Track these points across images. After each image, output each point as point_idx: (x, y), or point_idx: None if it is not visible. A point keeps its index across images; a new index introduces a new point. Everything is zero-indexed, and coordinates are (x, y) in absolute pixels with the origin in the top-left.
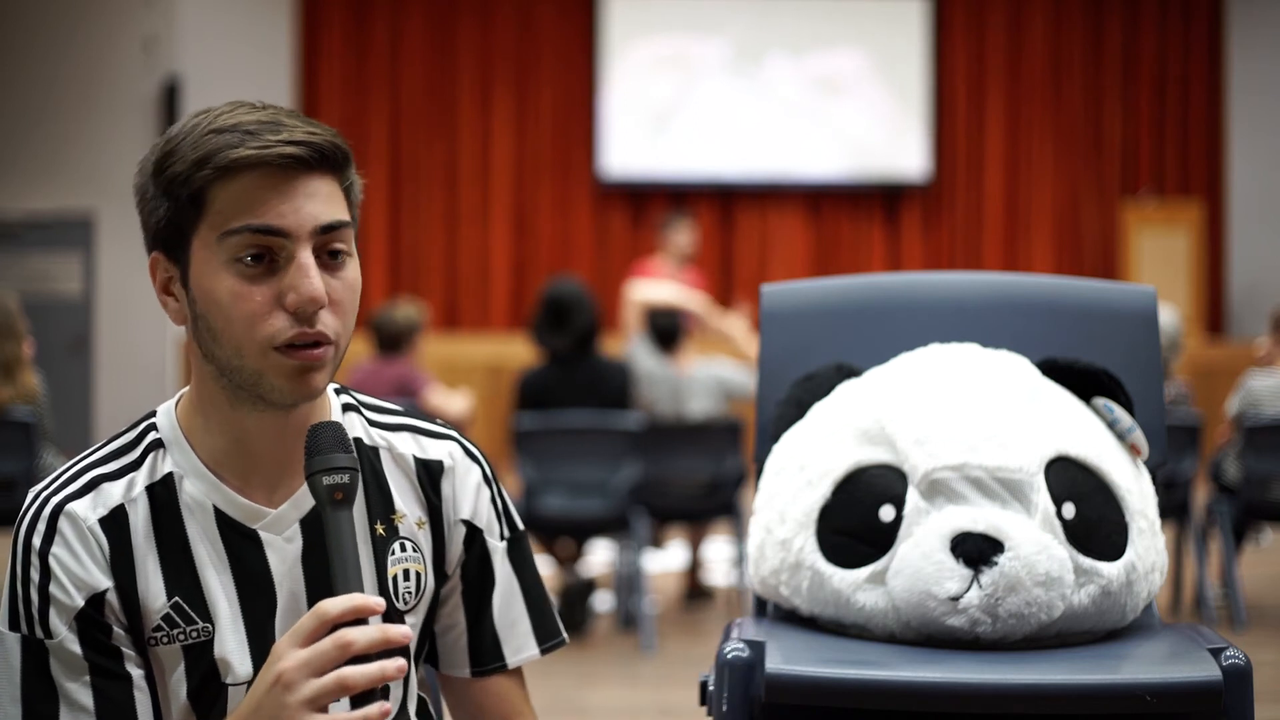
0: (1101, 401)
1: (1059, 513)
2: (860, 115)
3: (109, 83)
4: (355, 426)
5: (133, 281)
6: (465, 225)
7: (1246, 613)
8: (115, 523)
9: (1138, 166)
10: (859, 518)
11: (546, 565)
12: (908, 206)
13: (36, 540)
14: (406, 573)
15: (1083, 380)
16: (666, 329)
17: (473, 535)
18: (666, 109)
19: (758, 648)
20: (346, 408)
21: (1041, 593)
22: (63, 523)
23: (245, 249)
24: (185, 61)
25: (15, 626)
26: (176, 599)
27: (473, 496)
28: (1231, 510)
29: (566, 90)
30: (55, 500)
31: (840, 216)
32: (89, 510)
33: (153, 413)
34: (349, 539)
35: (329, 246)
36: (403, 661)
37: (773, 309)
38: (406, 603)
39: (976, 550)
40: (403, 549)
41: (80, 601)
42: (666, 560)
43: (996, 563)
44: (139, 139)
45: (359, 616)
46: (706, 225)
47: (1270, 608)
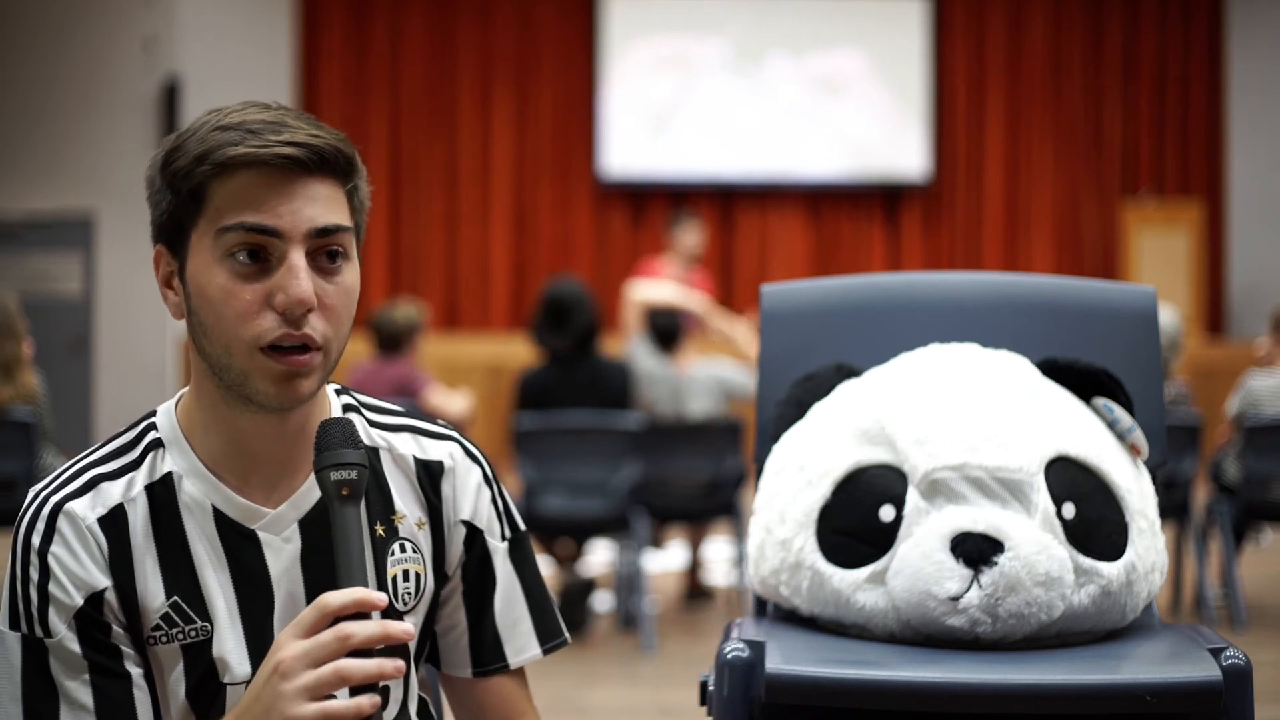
0: (1101, 401)
1: (1059, 513)
2: (860, 115)
3: (109, 83)
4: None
5: (133, 281)
6: (465, 225)
7: (1246, 613)
8: (114, 522)
9: (1138, 166)
10: (859, 518)
11: (546, 565)
12: (908, 206)
13: (36, 539)
14: (406, 573)
15: (1083, 380)
16: (666, 329)
17: (473, 536)
18: (666, 109)
19: (758, 648)
20: (347, 408)
21: (1041, 593)
22: (62, 522)
23: (239, 246)
24: (185, 61)
25: (15, 625)
26: (175, 598)
27: (473, 497)
28: (1231, 510)
29: (566, 90)
30: (55, 500)
31: (840, 216)
32: (88, 509)
33: (152, 412)
34: (355, 535)
35: (324, 250)
36: (401, 662)
37: (773, 309)
38: (406, 603)
39: (976, 550)
40: (402, 550)
41: (79, 600)
42: (666, 560)
43: (996, 563)
44: (139, 139)
45: (361, 611)
46: (706, 225)
47: (1270, 608)
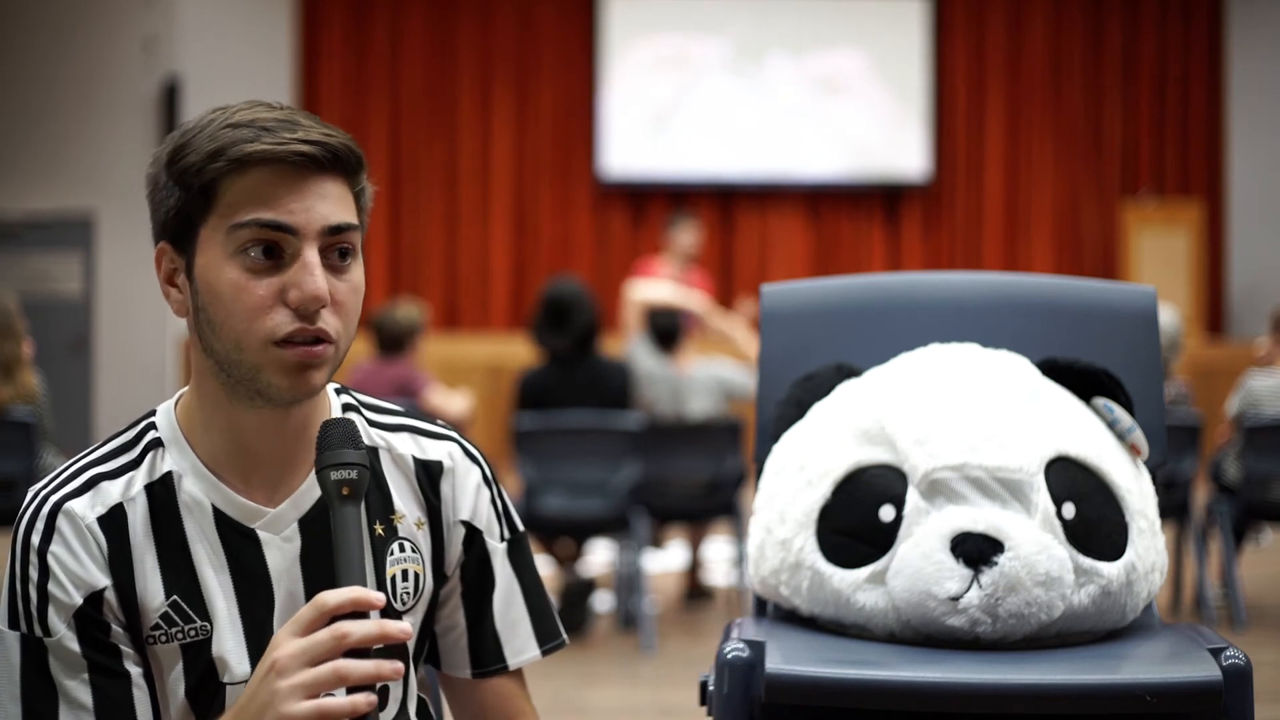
0: (1101, 401)
1: (1059, 513)
2: (860, 115)
3: (109, 83)
4: None
5: (133, 281)
6: (465, 225)
7: (1246, 613)
8: (114, 521)
9: (1138, 166)
10: (859, 518)
11: (546, 565)
12: (908, 206)
13: (35, 539)
14: (405, 573)
15: (1083, 380)
16: (666, 329)
17: (472, 536)
18: (666, 109)
19: (758, 648)
20: (347, 408)
21: (1041, 593)
22: (61, 521)
23: (252, 242)
24: (185, 61)
25: (15, 625)
26: (175, 598)
27: (472, 497)
28: (1231, 510)
29: (566, 90)
30: (54, 499)
31: (840, 216)
32: (88, 509)
33: (152, 412)
34: (355, 535)
35: (335, 247)
36: (399, 664)
37: (773, 309)
38: (405, 603)
39: (976, 550)
40: (401, 549)
41: (79, 600)
42: (666, 560)
43: (996, 563)
44: (139, 139)
45: (358, 610)
46: (706, 225)
47: (1270, 608)
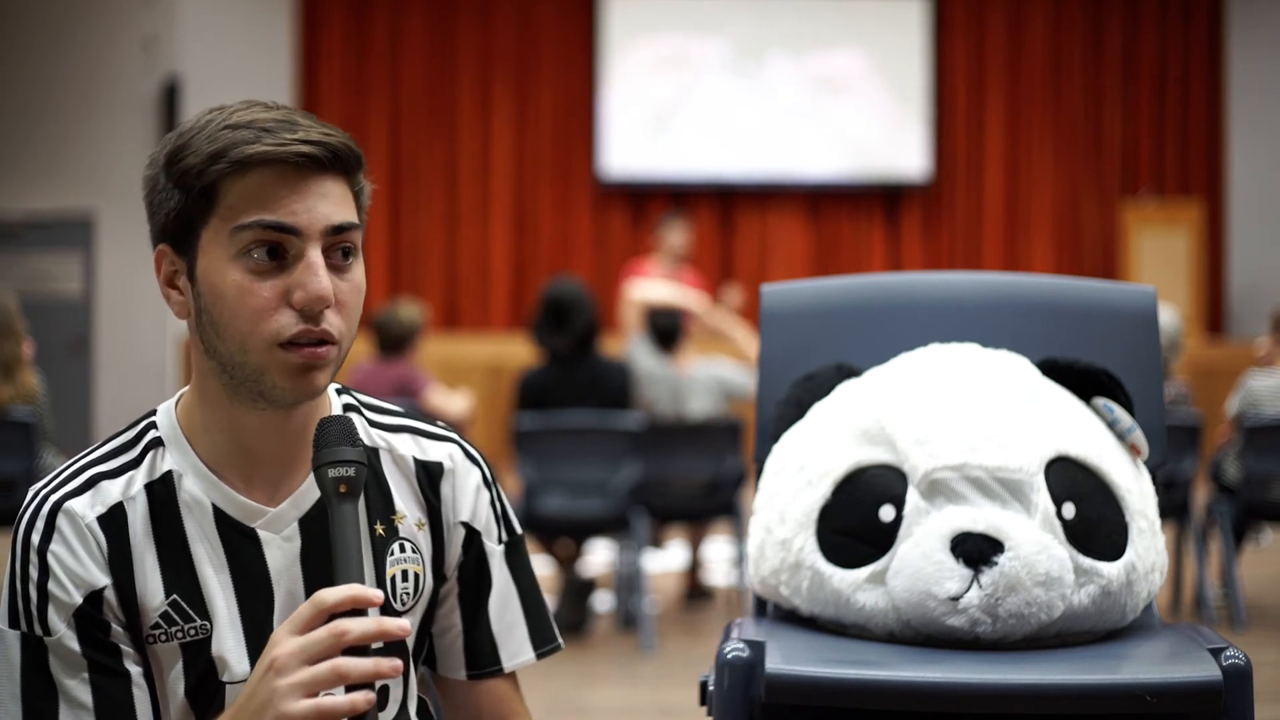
0: (1101, 401)
1: (1059, 513)
2: (860, 115)
3: (109, 83)
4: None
5: (133, 281)
6: (465, 225)
7: (1246, 613)
8: (113, 521)
9: (1138, 166)
10: (859, 518)
11: (546, 565)
12: (908, 206)
13: (35, 538)
14: (405, 573)
15: (1083, 380)
16: (666, 329)
17: (471, 538)
18: (666, 109)
19: (758, 648)
20: (347, 408)
21: (1041, 593)
22: (61, 520)
23: (255, 244)
24: (185, 61)
25: (15, 624)
26: (174, 597)
27: (472, 499)
28: (1231, 510)
29: (566, 90)
30: (54, 498)
31: (840, 216)
32: (87, 508)
33: (152, 411)
34: (353, 532)
35: (338, 247)
36: (398, 661)
37: (773, 309)
38: (404, 603)
39: (976, 550)
40: (402, 549)
41: (78, 599)
42: (666, 560)
43: (996, 563)
44: (139, 139)
45: (356, 607)
46: (706, 225)
47: (1270, 608)
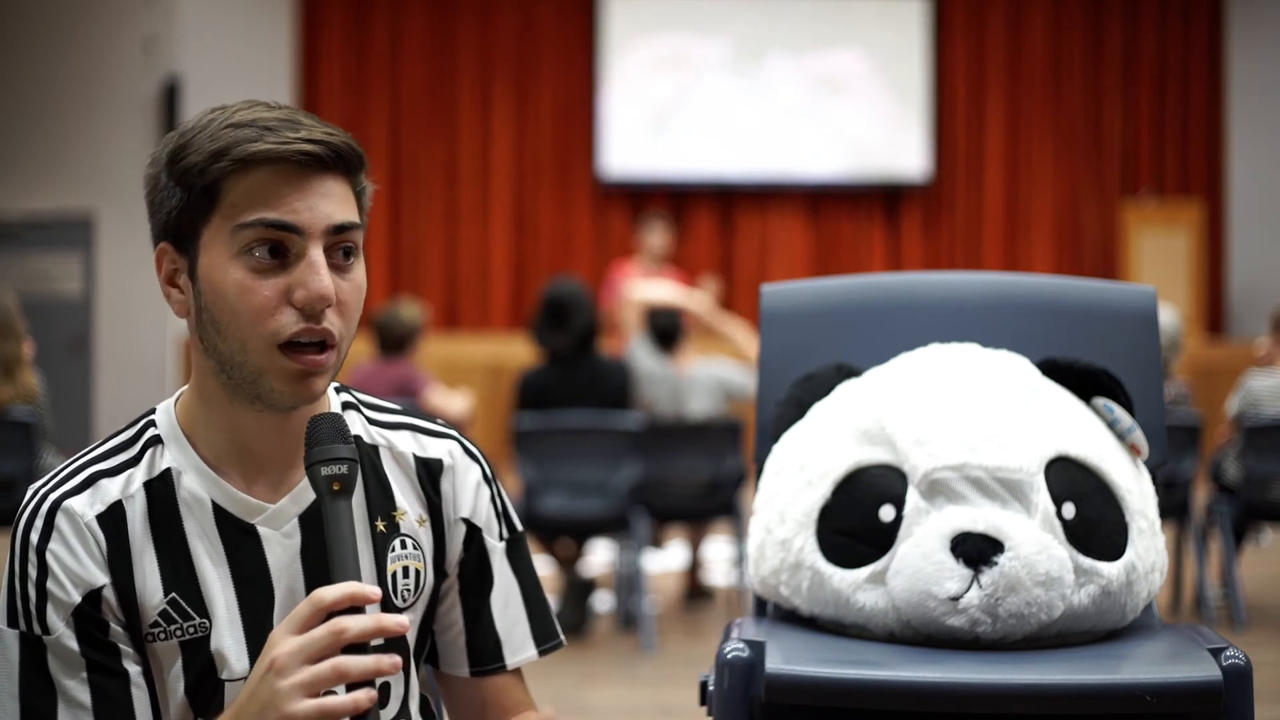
0: (1101, 401)
1: (1059, 513)
2: (860, 115)
3: (109, 83)
4: (355, 425)
5: (133, 281)
6: (465, 225)
7: (1246, 613)
8: (113, 519)
9: (1138, 166)
10: (859, 518)
11: (546, 565)
12: (908, 206)
13: (34, 537)
14: (406, 570)
15: (1083, 380)
16: (666, 329)
17: (472, 533)
18: (666, 109)
19: (758, 648)
20: (346, 406)
21: (1041, 593)
22: (60, 519)
23: (257, 242)
24: (185, 61)
25: (14, 623)
26: (173, 595)
27: (472, 495)
28: (1231, 510)
29: (566, 90)
30: (53, 497)
31: (840, 216)
32: (86, 507)
33: (152, 410)
34: (347, 530)
35: (339, 247)
36: (398, 658)
37: (773, 309)
38: (406, 600)
39: (976, 550)
40: (403, 546)
41: (77, 598)
42: (666, 560)
43: (996, 563)
44: (139, 139)
45: (355, 604)
46: (706, 225)
47: (1270, 608)
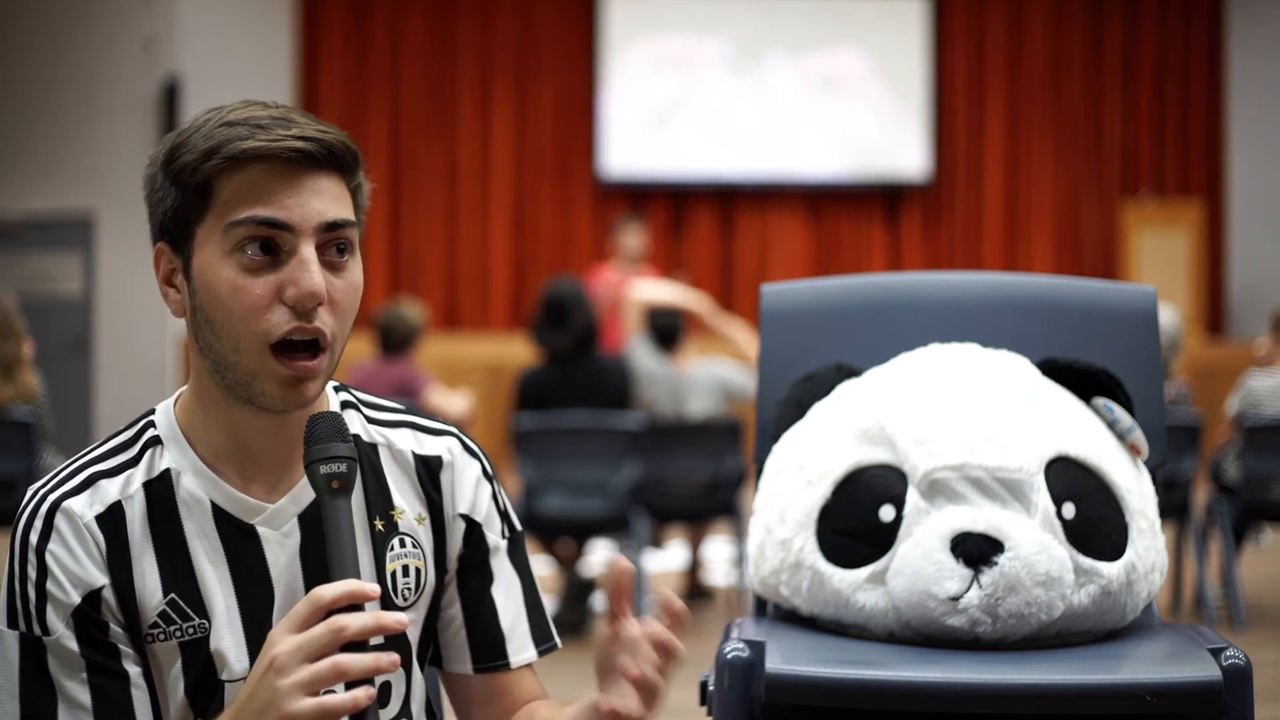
0: (1101, 401)
1: (1059, 513)
2: (860, 115)
3: (109, 83)
4: (354, 424)
5: (133, 281)
6: (465, 225)
7: (1246, 613)
8: (112, 520)
9: (1138, 166)
10: (859, 518)
11: (547, 565)
12: (908, 206)
13: (34, 537)
14: (406, 569)
15: (1083, 380)
16: (666, 329)
17: (471, 529)
18: (666, 109)
19: (758, 648)
20: (345, 405)
21: (1041, 593)
22: (60, 520)
23: (249, 239)
24: (185, 61)
25: (14, 624)
26: (173, 595)
27: (471, 491)
28: (1231, 510)
29: (566, 90)
30: (52, 498)
31: (840, 216)
32: (86, 507)
33: (151, 411)
34: (346, 528)
35: (332, 244)
36: (396, 656)
37: (773, 309)
38: (406, 599)
39: (976, 550)
40: (402, 544)
41: (77, 599)
42: (666, 560)
43: (996, 563)
44: (139, 139)
45: (353, 602)
46: (706, 225)
47: (1270, 608)
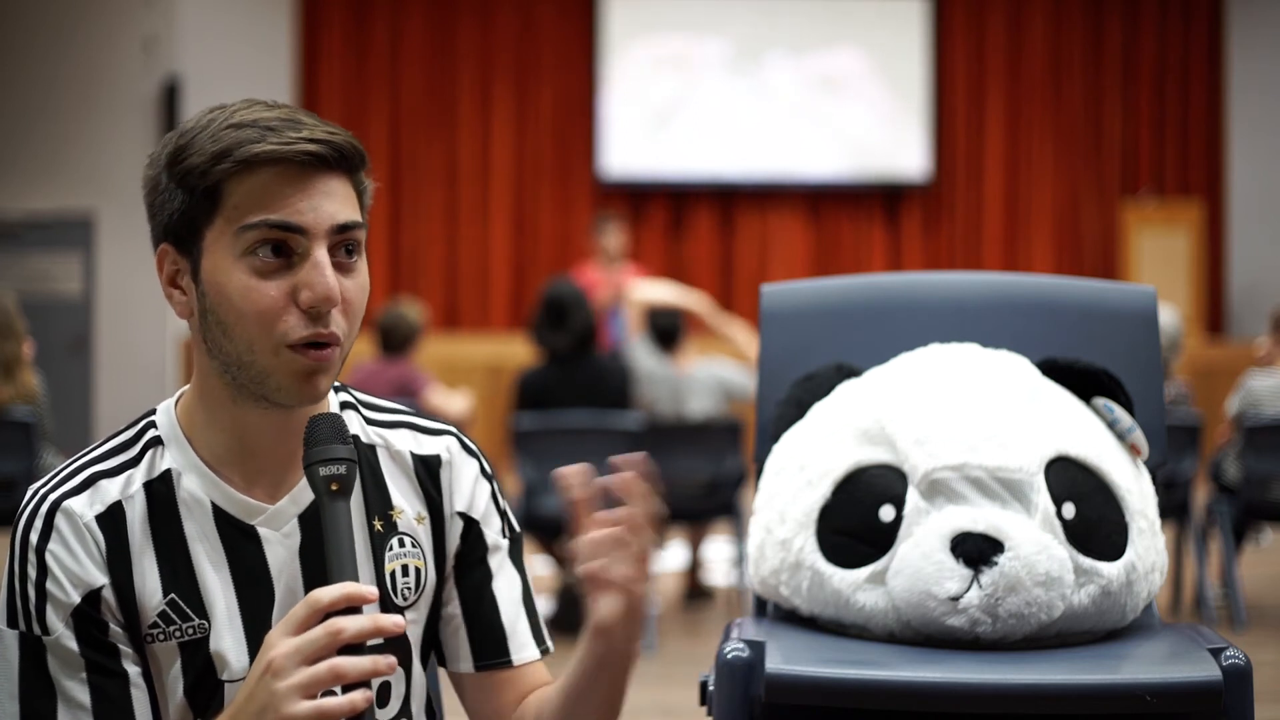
0: (1101, 401)
1: (1059, 513)
2: (860, 115)
3: (109, 83)
4: (353, 424)
5: (133, 281)
6: (465, 225)
7: (1246, 613)
8: (112, 520)
9: (1138, 166)
10: (859, 518)
11: (547, 565)
12: (908, 206)
13: (34, 537)
14: (405, 568)
15: (1083, 380)
16: (666, 329)
17: (470, 527)
18: (666, 109)
19: (758, 648)
20: (344, 405)
21: (1041, 593)
22: (60, 520)
23: (261, 243)
24: (185, 61)
25: (13, 623)
26: (172, 596)
27: (470, 489)
28: (1231, 510)
29: (566, 90)
30: (53, 497)
31: (840, 216)
32: (86, 507)
33: (152, 411)
34: (345, 530)
35: (342, 245)
36: (393, 659)
37: (773, 309)
38: (406, 599)
39: (976, 550)
40: (401, 544)
41: (77, 598)
42: (666, 560)
43: (996, 563)
44: (139, 139)
45: (351, 605)
46: (706, 225)
47: (1270, 608)
